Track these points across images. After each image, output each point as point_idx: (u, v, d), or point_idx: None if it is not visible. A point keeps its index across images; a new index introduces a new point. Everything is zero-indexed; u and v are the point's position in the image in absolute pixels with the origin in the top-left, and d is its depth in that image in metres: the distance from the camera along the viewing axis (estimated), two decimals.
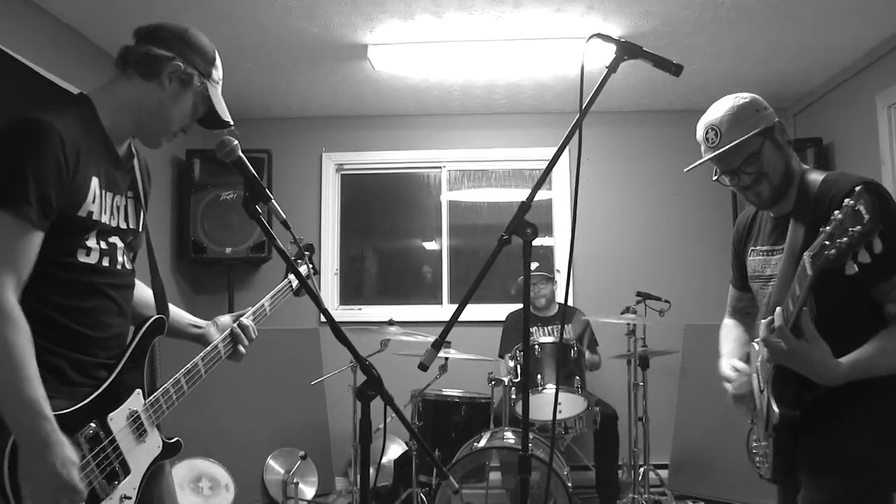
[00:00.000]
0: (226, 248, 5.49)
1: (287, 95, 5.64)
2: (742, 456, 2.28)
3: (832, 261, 1.55)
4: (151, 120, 1.90)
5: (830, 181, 1.98)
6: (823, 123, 5.41)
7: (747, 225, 2.31)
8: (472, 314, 5.71)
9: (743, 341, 2.36)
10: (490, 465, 4.21)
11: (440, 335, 1.88)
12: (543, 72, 5.14)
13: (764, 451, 2.07)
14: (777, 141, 2.05)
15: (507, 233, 1.84)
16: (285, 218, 1.87)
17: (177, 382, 2.00)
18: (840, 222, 1.53)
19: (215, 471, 4.71)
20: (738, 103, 2.06)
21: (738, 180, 2.06)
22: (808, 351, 1.75)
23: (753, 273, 2.21)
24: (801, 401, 1.92)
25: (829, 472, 1.92)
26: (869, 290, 1.89)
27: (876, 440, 1.92)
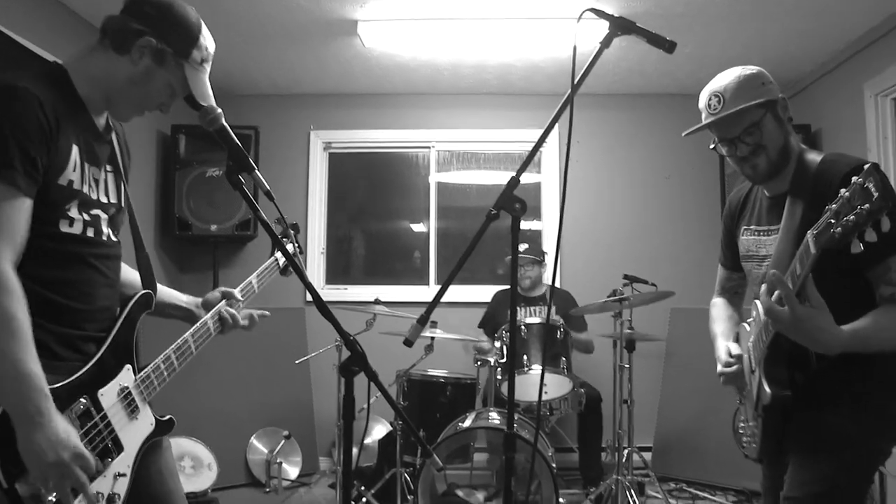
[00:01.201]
0: (211, 226, 5.44)
1: (275, 71, 5.58)
2: (726, 439, 2.28)
3: (838, 239, 1.53)
4: (119, 95, 1.84)
5: (830, 161, 1.97)
6: (812, 110, 5.41)
7: (740, 203, 2.30)
8: (459, 295, 5.73)
9: (735, 321, 2.36)
10: (475, 446, 4.21)
11: (426, 311, 1.85)
12: (535, 53, 5.11)
13: (752, 432, 2.08)
14: (779, 116, 2.04)
15: (495, 208, 1.82)
16: (269, 189, 1.84)
17: (167, 359, 1.96)
18: (848, 200, 1.52)
19: (198, 450, 4.69)
20: (744, 73, 2.05)
21: (735, 150, 2.05)
22: (815, 317, 1.72)
23: (747, 252, 2.20)
24: (792, 381, 1.92)
25: (819, 452, 1.93)
26: (864, 273, 1.88)
27: (867, 420, 1.93)
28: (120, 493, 1.75)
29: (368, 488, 4.49)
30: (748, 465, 2.24)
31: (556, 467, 4.03)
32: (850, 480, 1.92)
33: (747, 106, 1.98)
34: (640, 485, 4.69)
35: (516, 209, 1.84)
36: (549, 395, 4.14)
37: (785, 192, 2.03)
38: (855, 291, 1.90)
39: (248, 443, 5.18)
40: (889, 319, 1.82)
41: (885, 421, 1.95)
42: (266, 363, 5.36)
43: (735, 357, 2.14)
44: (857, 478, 1.94)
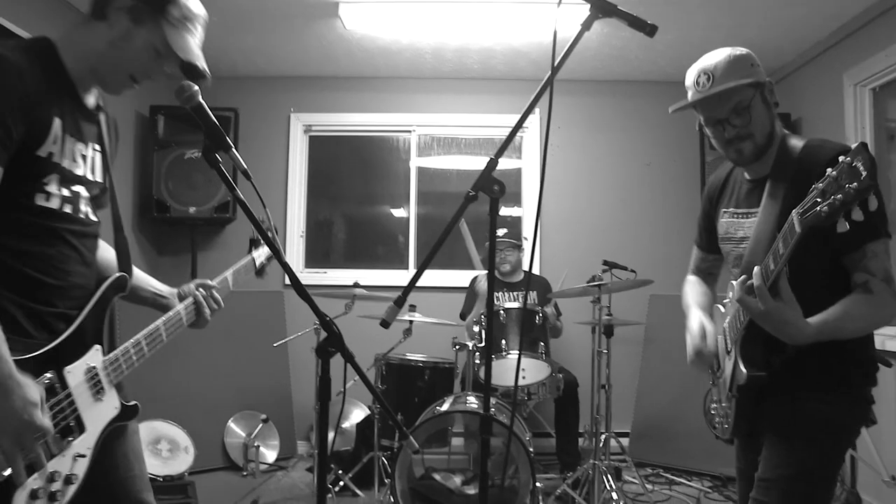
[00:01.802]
0: (189, 208, 5.40)
1: (255, 53, 5.52)
2: (702, 425, 2.28)
3: (824, 217, 1.54)
4: (103, 63, 1.80)
5: (813, 146, 1.98)
6: (792, 99, 5.44)
7: (720, 186, 2.30)
8: (439, 279, 5.74)
9: (709, 296, 2.37)
10: (453, 430, 4.22)
11: (402, 292, 1.84)
12: (517, 37, 5.09)
13: (724, 412, 2.09)
14: (766, 99, 2.04)
15: (473, 190, 1.81)
16: (246, 168, 1.81)
17: (137, 343, 1.93)
18: (835, 179, 1.52)
19: (175, 433, 4.67)
20: (734, 53, 2.04)
21: (722, 131, 2.03)
22: (783, 311, 1.76)
23: (725, 234, 2.20)
24: (768, 363, 1.93)
25: (793, 434, 1.94)
26: (841, 258, 1.90)
27: (840, 402, 1.95)
28: (78, 473, 1.73)
29: (346, 472, 4.50)
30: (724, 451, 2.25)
31: (534, 452, 4.04)
32: (823, 462, 1.94)
33: (738, 84, 1.97)
34: (617, 470, 4.72)
35: (495, 191, 1.82)
36: (526, 380, 4.14)
37: (766, 175, 2.04)
38: (834, 277, 1.92)
39: (225, 426, 5.17)
40: (858, 309, 1.84)
41: (858, 403, 1.98)
42: (244, 346, 5.34)
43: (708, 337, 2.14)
44: (831, 459, 1.96)
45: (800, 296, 1.77)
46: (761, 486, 1.95)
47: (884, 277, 1.85)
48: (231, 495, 4.50)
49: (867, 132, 4.56)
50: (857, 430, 2.02)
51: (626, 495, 4.48)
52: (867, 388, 1.98)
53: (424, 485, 4.07)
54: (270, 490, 4.64)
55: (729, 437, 2.12)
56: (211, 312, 2.18)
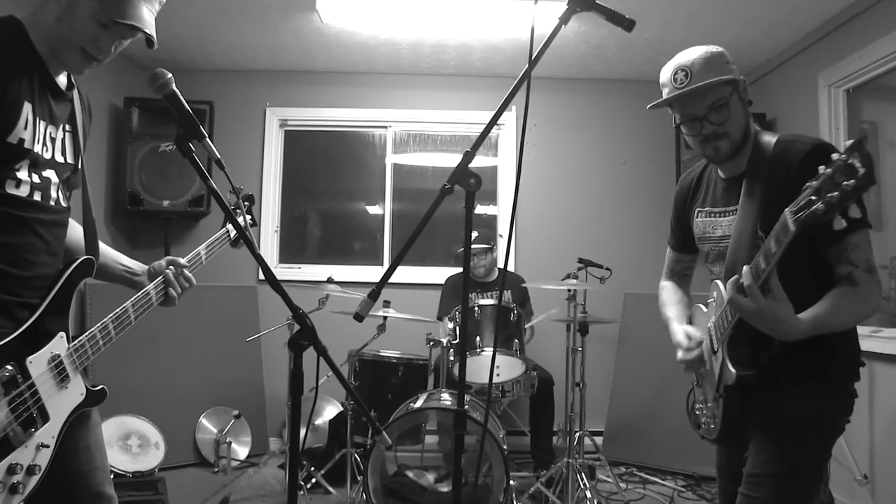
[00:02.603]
0: (163, 201, 5.34)
1: (232, 46, 5.46)
2: (676, 424, 2.28)
3: (820, 216, 1.52)
4: (55, 39, 1.74)
5: (787, 142, 1.97)
6: (768, 99, 5.47)
7: (692, 185, 2.29)
8: (414, 276, 5.72)
9: (685, 303, 2.36)
10: (426, 428, 4.20)
11: (376, 286, 1.81)
12: (494, 33, 5.07)
13: (711, 413, 2.08)
14: (742, 97, 2.04)
15: (449, 182, 1.79)
16: (220, 157, 1.78)
17: (104, 328, 1.89)
18: (830, 177, 1.50)
19: (145, 428, 4.61)
20: (711, 50, 2.04)
21: (699, 128, 2.02)
22: (776, 309, 1.75)
23: (703, 234, 2.19)
24: (755, 361, 1.93)
25: (781, 430, 1.94)
26: (823, 251, 1.90)
27: (826, 397, 1.96)
28: (41, 464, 1.70)
29: (318, 469, 4.47)
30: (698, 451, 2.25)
31: (508, 450, 4.02)
32: (812, 456, 1.95)
33: (716, 81, 1.96)
34: (590, 468, 4.72)
35: (471, 184, 1.82)
36: (501, 377, 4.13)
37: (741, 173, 2.03)
38: (818, 270, 1.92)
39: (197, 422, 5.12)
40: (848, 301, 1.84)
41: (844, 398, 1.99)
42: (217, 341, 5.30)
43: (696, 342, 2.14)
44: (819, 453, 1.97)
45: (786, 291, 1.76)
46: (751, 482, 1.95)
47: (867, 268, 1.85)
48: (202, 492, 4.46)
49: (841, 133, 4.60)
50: (843, 424, 2.03)
51: (600, 494, 4.48)
52: (851, 383, 1.99)
53: (397, 482, 4.05)
54: (242, 487, 4.61)
55: (716, 438, 2.11)
56: (182, 291, 2.13)
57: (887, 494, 3.97)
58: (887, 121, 4.73)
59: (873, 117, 4.72)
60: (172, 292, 2.10)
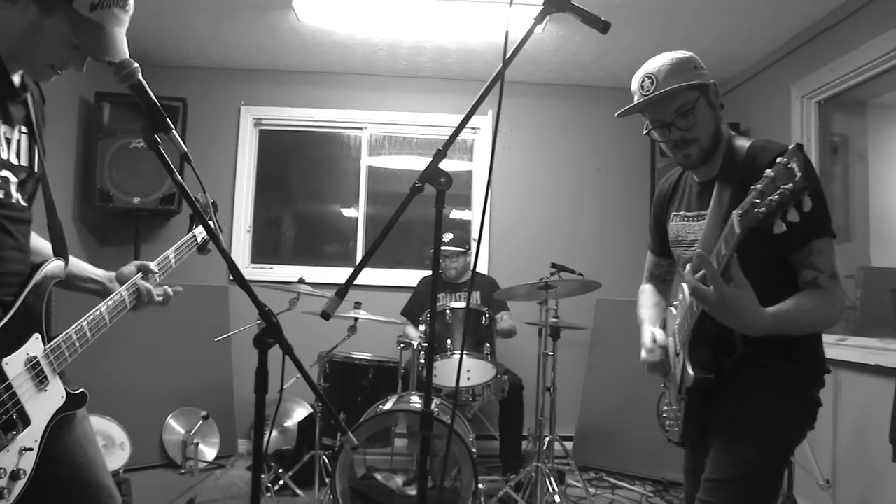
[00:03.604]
0: (134, 198, 5.27)
1: (207, 43, 5.42)
2: (646, 430, 2.29)
3: (762, 219, 1.53)
4: (20, 51, 1.69)
5: (758, 147, 1.98)
6: (742, 110, 5.52)
7: (670, 190, 2.30)
8: (387, 278, 5.70)
9: (661, 307, 2.36)
10: (396, 431, 4.17)
11: (345, 283, 1.80)
12: (472, 36, 5.07)
13: (675, 415, 2.08)
14: (711, 102, 2.04)
15: (420, 181, 1.78)
16: (187, 150, 1.76)
17: (80, 330, 1.85)
18: (772, 180, 1.51)
19: (110, 429, 4.55)
20: (677, 56, 2.04)
21: (669, 134, 2.03)
22: (740, 297, 1.71)
23: (676, 238, 2.20)
24: (717, 365, 1.93)
25: (741, 435, 1.94)
26: (787, 257, 1.90)
27: (787, 403, 1.95)
28: (25, 468, 1.66)
29: (286, 471, 4.43)
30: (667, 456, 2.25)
31: (478, 454, 4.01)
32: (770, 462, 1.94)
33: (681, 86, 1.97)
34: (560, 473, 4.72)
35: (442, 183, 1.81)
36: (471, 381, 4.11)
37: (714, 177, 2.04)
38: (788, 274, 1.92)
39: (164, 423, 5.05)
40: (812, 303, 1.83)
41: (805, 404, 1.98)
42: (186, 341, 5.25)
43: (659, 344, 2.14)
44: (778, 459, 1.96)
45: (763, 298, 1.75)
46: (708, 487, 1.95)
47: (831, 274, 1.85)
48: (167, 493, 4.41)
49: (812, 144, 4.64)
50: (804, 431, 2.03)
51: (569, 499, 4.48)
52: (815, 390, 1.99)
53: (365, 484, 4.03)
54: (208, 489, 4.56)
55: (679, 440, 2.11)
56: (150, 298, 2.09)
57: (848, 499, 4.02)
58: (856, 134, 4.79)
59: (843, 130, 4.78)
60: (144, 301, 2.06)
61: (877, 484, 3.79)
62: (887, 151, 4.83)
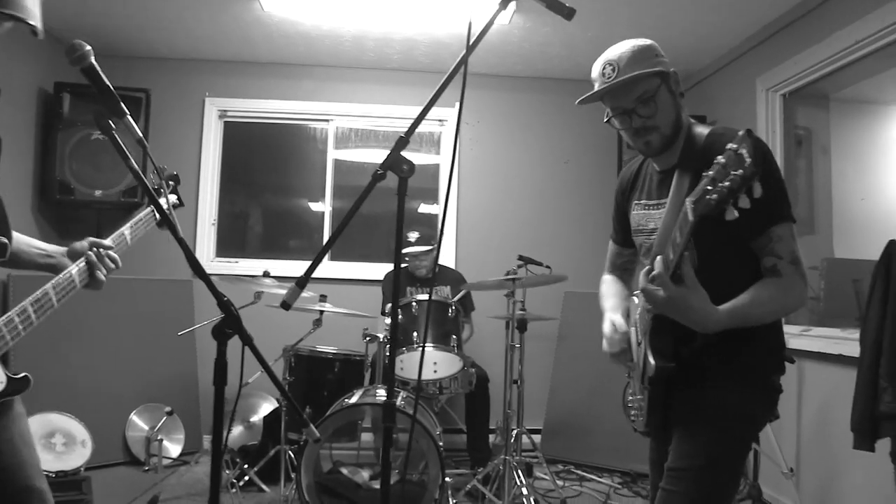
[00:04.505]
0: (95, 191, 5.17)
1: (171, 33, 5.32)
2: (613, 422, 2.28)
3: (713, 205, 1.52)
4: None
5: (716, 134, 1.98)
6: (708, 102, 5.55)
7: (631, 179, 2.29)
8: (354, 272, 5.67)
9: (623, 296, 2.35)
10: (362, 426, 4.14)
11: (305, 272, 1.77)
12: (440, 28, 5.03)
13: (639, 405, 2.08)
14: (672, 90, 2.03)
15: (382, 168, 1.76)
16: (142, 136, 1.71)
17: (23, 311, 1.78)
18: (723, 166, 1.50)
19: (71, 426, 4.45)
20: (638, 44, 2.04)
21: (629, 122, 2.02)
22: (686, 297, 1.72)
23: (637, 227, 2.19)
24: (678, 354, 1.92)
25: (702, 424, 1.94)
26: (748, 244, 1.89)
27: (748, 391, 1.95)
28: None
29: (252, 466, 4.38)
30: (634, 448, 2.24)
31: (446, 448, 3.99)
32: (731, 450, 1.94)
33: (642, 73, 1.96)
34: (528, 466, 4.72)
35: (404, 170, 1.80)
36: (438, 373, 4.09)
37: (674, 165, 2.03)
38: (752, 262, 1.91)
39: (127, 419, 4.97)
40: (768, 293, 1.83)
41: (765, 392, 1.98)
42: (150, 336, 5.17)
43: (620, 333, 2.13)
44: (738, 449, 1.97)
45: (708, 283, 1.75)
46: (671, 476, 1.94)
47: (791, 260, 1.85)
48: (130, 491, 4.34)
49: (777, 136, 4.68)
50: (766, 418, 2.04)
51: (537, 491, 4.47)
52: (776, 377, 1.99)
53: (331, 479, 3.99)
54: (172, 485, 4.49)
55: (644, 430, 2.11)
56: (107, 272, 2.03)
57: (811, 486, 4.07)
58: (820, 127, 4.83)
59: (807, 123, 4.82)
60: (99, 275, 1.99)
61: (838, 471, 3.84)
62: (849, 145, 4.88)
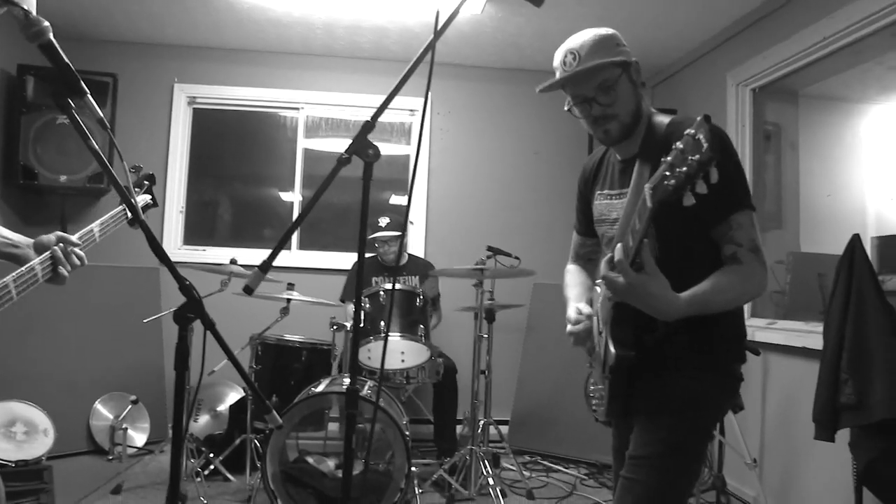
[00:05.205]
0: (60, 176, 5.09)
1: (139, 17, 5.24)
2: (581, 414, 2.27)
3: (671, 191, 1.51)
4: None
5: (676, 122, 1.98)
6: (679, 97, 5.58)
7: (594, 169, 2.29)
8: (322, 261, 5.63)
9: (587, 286, 2.35)
10: (329, 415, 4.12)
11: (269, 256, 1.75)
12: (411, 17, 5.00)
13: (600, 394, 2.08)
14: (633, 79, 2.03)
15: (347, 152, 1.74)
16: (103, 116, 1.68)
17: None
18: (681, 151, 1.50)
19: (33, 414, 4.37)
20: (600, 33, 2.03)
21: (589, 110, 2.02)
22: (646, 284, 1.71)
23: (600, 217, 2.19)
24: (640, 343, 1.92)
25: (663, 412, 1.94)
26: (708, 232, 1.90)
27: (709, 379, 1.95)
28: None
29: (217, 456, 4.34)
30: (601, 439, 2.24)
31: (413, 438, 3.98)
32: (692, 437, 1.94)
33: (603, 62, 1.96)
34: (494, 456, 4.73)
35: (369, 155, 1.79)
36: (406, 363, 4.08)
37: (635, 154, 2.03)
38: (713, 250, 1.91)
39: (91, 408, 4.91)
40: (728, 280, 1.84)
41: (727, 380, 2.00)
42: (116, 324, 5.11)
43: (584, 316, 2.13)
44: (699, 436, 1.97)
45: (670, 271, 1.75)
46: (632, 464, 1.95)
47: (751, 248, 1.85)
48: (93, 480, 4.29)
49: (747, 131, 4.71)
50: (727, 405, 2.05)
51: (503, 481, 4.48)
52: (736, 365, 2.00)
53: (297, 468, 3.96)
54: (136, 474, 4.45)
55: (605, 419, 2.11)
56: (72, 268, 1.98)
57: (773, 477, 4.12)
58: (789, 123, 4.88)
59: (776, 118, 4.86)
60: (62, 271, 1.95)
61: (800, 461, 3.89)
62: (817, 141, 4.93)
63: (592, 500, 4.30)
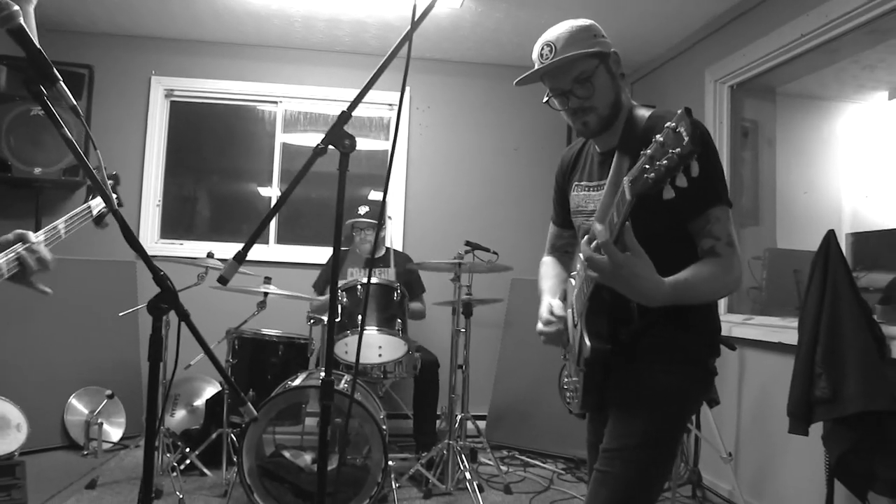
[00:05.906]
0: (35, 169, 5.02)
1: (116, 8, 5.18)
2: (558, 409, 2.27)
3: (651, 184, 1.50)
4: None
5: (657, 116, 1.96)
6: (658, 93, 5.60)
7: (572, 160, 2.29)
8: (300, 255, 5.63)
9: (562, 278, 2.35)
10: (307, 410, 4.10)
11: (243, 247, 1.73)
12: (390, 10, 4.99)
13: (574, 387, 2.07)
14: (611, 70, 2.03)
15: (324, 143, 1.73)
16: (76, 104, 1.65)
17: None
18: (661, 144, 1.49)
19: (6, 409, 4.33)
20: (576, 24, 2.03)
21: (567, 102, 2.02)
22: (634, 264, 1.66)
23: (577, 208, 2.18)
24: (615, 336, 1.91)
25: (637, 405, 1.94)
26: (686, 226, 1.90)
27: (683, 372, 1.95)
28: None
29: (193, 450, 4.32)
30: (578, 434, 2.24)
31: (391, 433, 3.97)
32: (665, 430, 1.95)
33: (579, 54, 1.95)
34: (472, 451, 4.74)
35: (346, 145, 1.78)
36: (383, 357, 4.07)
37: (614, 147, 2.03)
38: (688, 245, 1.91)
39: (66, 402, 4.86)
40: (710, 271, 1.83)
41: (702, 374, 2.00)
42: (91, 318, 5.07)
43: (557, 316, 2.12)
44: (673, 429, 1.97)
45: (662, 269, 1.73)
46: (605, 457, 1.95)
47: (728, 242, 1.85)
48: (67, 476, 4.24)
49: (724, 128, 4.73)
50: (700, 398, 2.05)
51: (481, 476, 4.49)
52: (711, 359, 2.00)
53: (273, 462, 3.95)
54: (111, 469, 4.41)
55: (579, 412, 2.11)
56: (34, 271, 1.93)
57: (748, 470, 4.16)
58: (766, 120, 4.91)
59: (754, 115, 4.89)
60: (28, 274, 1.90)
61: (774, 454, 3.93)
62: (794, 138, 4.97)
63: (569, 495, 4.31)
